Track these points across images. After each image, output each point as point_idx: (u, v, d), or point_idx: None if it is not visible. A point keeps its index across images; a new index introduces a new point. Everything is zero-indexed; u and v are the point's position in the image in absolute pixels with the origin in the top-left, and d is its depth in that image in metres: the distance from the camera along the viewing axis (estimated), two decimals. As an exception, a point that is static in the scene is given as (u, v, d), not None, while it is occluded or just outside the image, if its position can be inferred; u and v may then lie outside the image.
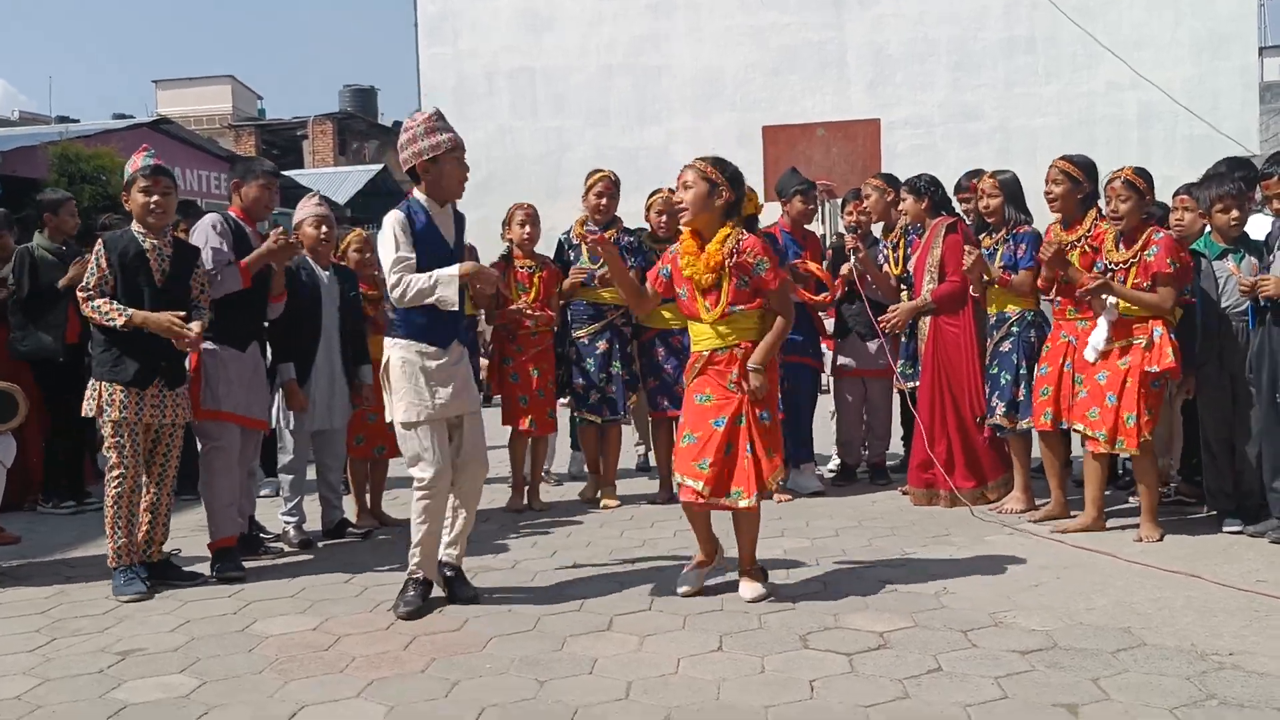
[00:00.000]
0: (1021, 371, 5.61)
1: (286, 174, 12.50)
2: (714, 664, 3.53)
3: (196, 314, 4.67)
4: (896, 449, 6.95)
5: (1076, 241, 5.24)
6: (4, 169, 13.12)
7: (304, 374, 5.41)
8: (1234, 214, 5.14)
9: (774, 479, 4.22)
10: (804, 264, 6.25)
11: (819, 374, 6.75)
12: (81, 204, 10.99)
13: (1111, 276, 4.95)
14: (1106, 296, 4.92)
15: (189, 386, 4.79)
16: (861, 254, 6.25)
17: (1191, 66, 17.66)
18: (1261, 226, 5.59)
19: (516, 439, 6.21)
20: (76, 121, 22.73)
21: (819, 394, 6.78)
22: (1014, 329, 5.68)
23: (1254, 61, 18.34)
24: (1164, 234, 5.02)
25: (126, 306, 4.52)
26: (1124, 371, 4.93)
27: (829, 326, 6.76)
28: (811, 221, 6.75)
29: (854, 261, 6.29)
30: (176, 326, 4.50)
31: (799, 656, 3.57)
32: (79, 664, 3.72)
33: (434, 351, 4.23)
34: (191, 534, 5.44)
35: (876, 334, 6.29)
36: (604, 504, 6.20)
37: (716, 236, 4.17)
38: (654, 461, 6.85)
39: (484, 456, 4.47)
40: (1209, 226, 5.31)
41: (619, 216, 6.27)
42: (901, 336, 6.25)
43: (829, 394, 7.08)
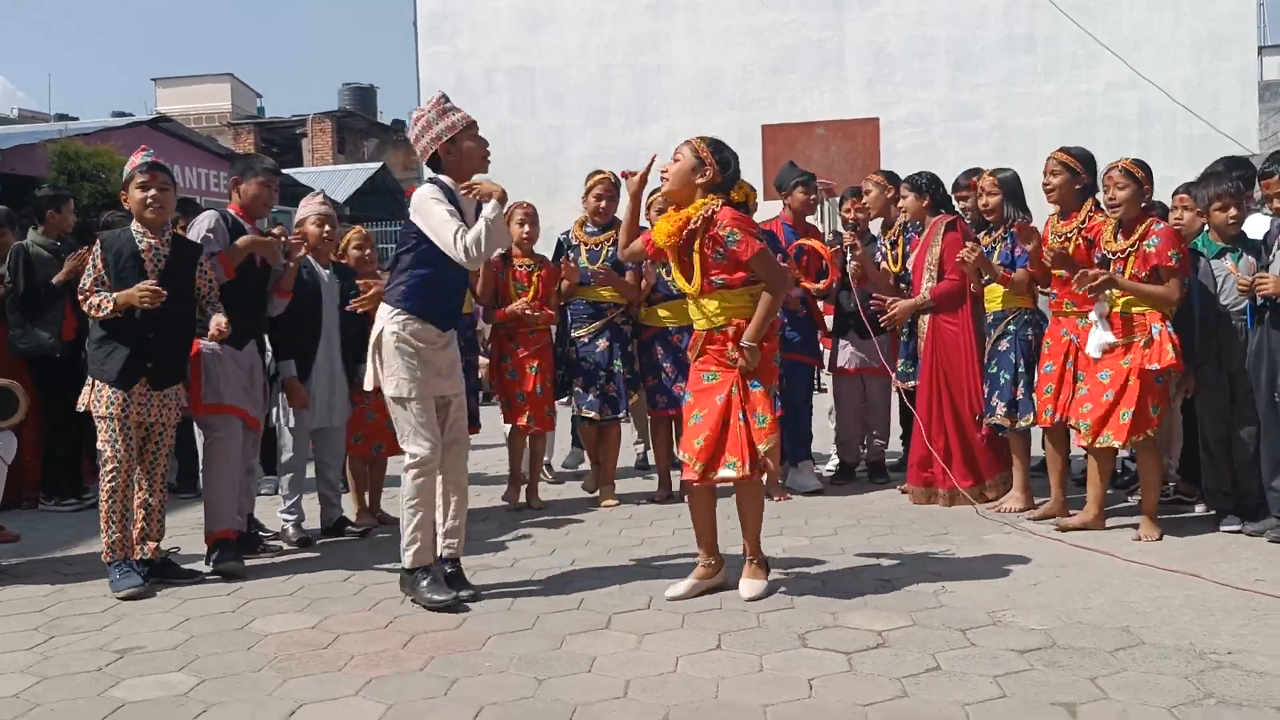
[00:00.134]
0: (1020, 370, 5.61)
1: (286, 172, 12.48)
2: (713, 662, 3.53)
3: (211, 310, 4.69)
4: (896, 448, 6.95)
5: (1072, 232, 5.24)
6: (3, 167, 13.13)
7: (304, 372, 5.41)
8: (1231, 212, 5.14)
9: (767, 444, 4.12)
10: (809, 242, 6.24)
11: (816, 372, 6.75)
12: (81, 202, 11.01)
13: (1110, 266, 4.96)
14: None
15: (183, 387, 4.79)
16: (859, 252, 6.24)
17: (1191, 66, 17.66)
18: (1260, 226, 5.59)
19: (515, 435, 6.22)
20: (76, 120, 22.73)
21: (818, 392, 6.77)
22: (1011, 327, 5.68)
23: (1253, 61, 18.34)
24: (1164, 225, 5.02)
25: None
26: (1126, 370, 4.93)
27: (828, 324, 6.76)
28: (813, 213, 6.75)
29: (850, 259, 6.28)
30: (138, 294, 4.44)
31: (798, 655, 3.57)
32: (77, 662, 3.72)
33: (431, 334, 4.26)
34: (191, 532, 5.43)
35: (875, 332, 6.29)
36: (603, 503, 6.20)
37: (691, 206, 4.16)
38: (653, 460, 6.86)
39: (466, 437, 4.56)
40: (1207, 225, 5.31)
41: (619, 218, 6.25)
42: (901, 335, 6.26)
43: (827, 392, 7.08)
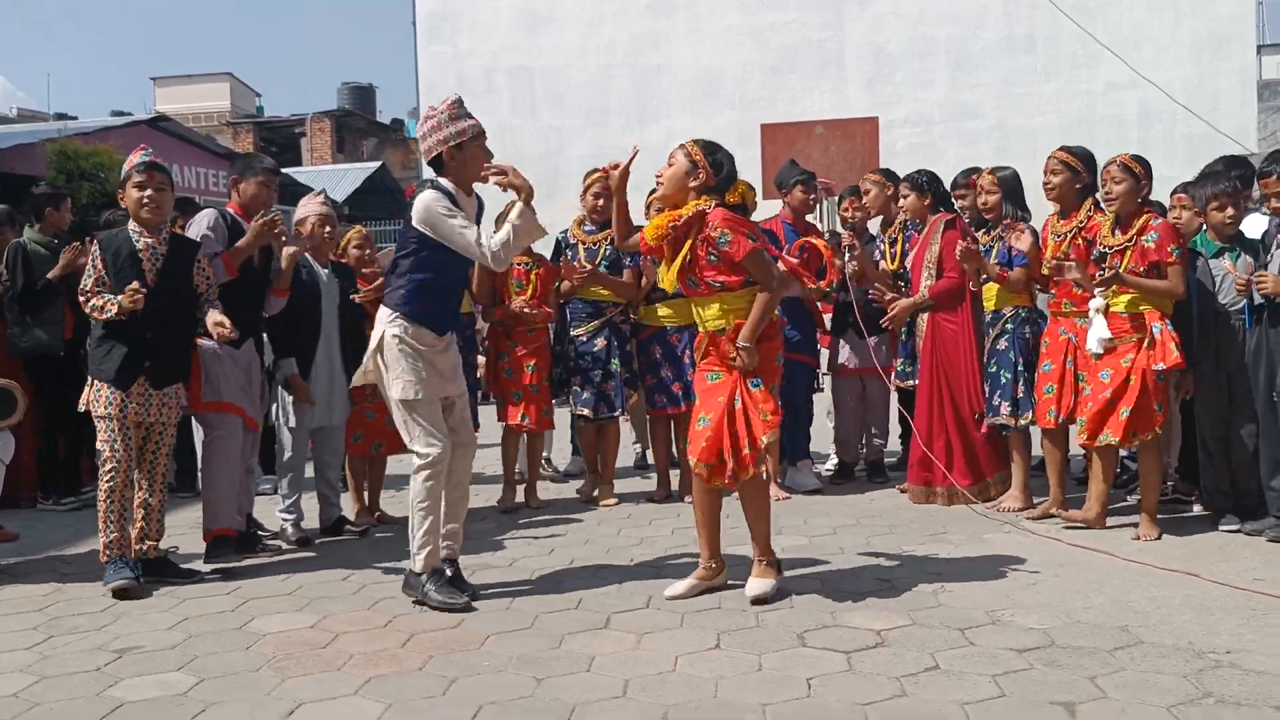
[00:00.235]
0: (1020, 369, 5.61)
1: (285, 171, 12.47)
2: (712, 662, 3.53)
3: (208, 306, 4.67)
4: (895, 447, 6.95)
5: (1071, 231, 5.25)
6: (2, 166, 13.12)
7: (304, 371, 5.41)
8: (1228, 212, 5.14)
9: (769, 436, 4.09)
10: (810, 240, 6.23)
11: (814, 371, 6.74)
12: (80, 201, 11.01)
13: (1106, 260, 4.96)
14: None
15: (183, 385, 4.78)
16: (857, 251, 6.24)
17: (1191, 66, 17.66)
18: (1258, 225, 5.59)
19: (508, 437, 6.20)
20: (75, 119, 22.73)
21: (817, 392, 6.76)
22: (1009, 326, 5.68)
23: (1253, 60, 18.35)
24: (1161, 220, 5.02)
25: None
26: (1127, 369, 4.93)
27: (826, 323, 6.75)
28: (813, 212, 6.74)
29: (848, 258, 6.28)
30: (127, 300, 4.42)
31: (796, 654, 3.57)
32: (76, 661, 3.71)
33: (430, 337, 4.29)
34: (189, 531, 5.43)
35: (873, 331, 6.28)
36: (602, 502, 6.20)
37: (684, 207, 4.17)
38: (652, 460, 6.86)
39: (473, 438, 4.61)
40: (1205, 225, 5.31)
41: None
42: (900, 334, 6.25)
43: (824, 392, 7.07)
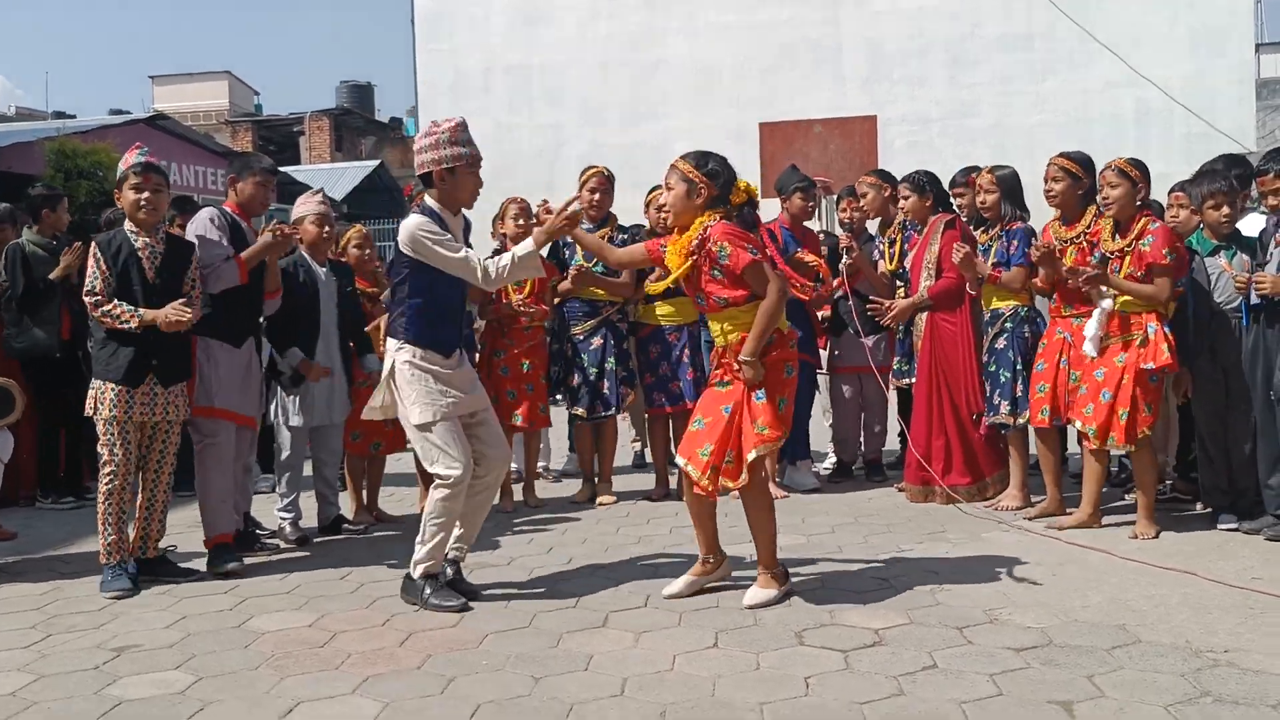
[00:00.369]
0: (1019, 368, 5.62)
1: (283, 170, 12.46)
2: (709, 661, 3.53)
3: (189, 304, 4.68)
4: (893, 446, 6.95)
5: (1075, 238, 5.24)
6: (0, 165, 13.09)
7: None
8: (1224, 211, 5.13)
9: (757, 451, 4.03)
10: (803, 254, 6.24)
11: (814, 370, 6.74)
12: (78, 200, 11.00)
13: (1107, 265, 4.96)
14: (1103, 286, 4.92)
15: (186, 384, 4.78)
16: (855, 253, 6.24)
17: (1188, 64, 17.67)
18: (1255, 224, 5.59)
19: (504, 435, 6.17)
20: (73, 117, 22.73)
21: (814, 391, 6.76)
22: (1007, 325, 5.68)
23: (1250, 58, 18.36)
24: (1159, 224, 5.01)
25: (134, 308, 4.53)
26: (1120, 369, 4.93)
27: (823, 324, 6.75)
28: (811, 219, 6.74)
29: (847, 260, 6.28)
30: (174, 314, 4.50)
31: (794, 653, 3.57)
32: (74, 660, 3.71)
33: (440, 359, 4.30)
34: (188, 530, 5.43)
35: (871, 330, 6.29)
36: (600, 501, 6.20)
37: (692, 227, 4.18)
38: (650, 458, 6.86)
39: (507, 453, 4.57)
40: (1201, 223, 5.31)
41: (614, 214, 6.25)
42: (898, 333, 6.26)
43: (821, 391, 7.07)
